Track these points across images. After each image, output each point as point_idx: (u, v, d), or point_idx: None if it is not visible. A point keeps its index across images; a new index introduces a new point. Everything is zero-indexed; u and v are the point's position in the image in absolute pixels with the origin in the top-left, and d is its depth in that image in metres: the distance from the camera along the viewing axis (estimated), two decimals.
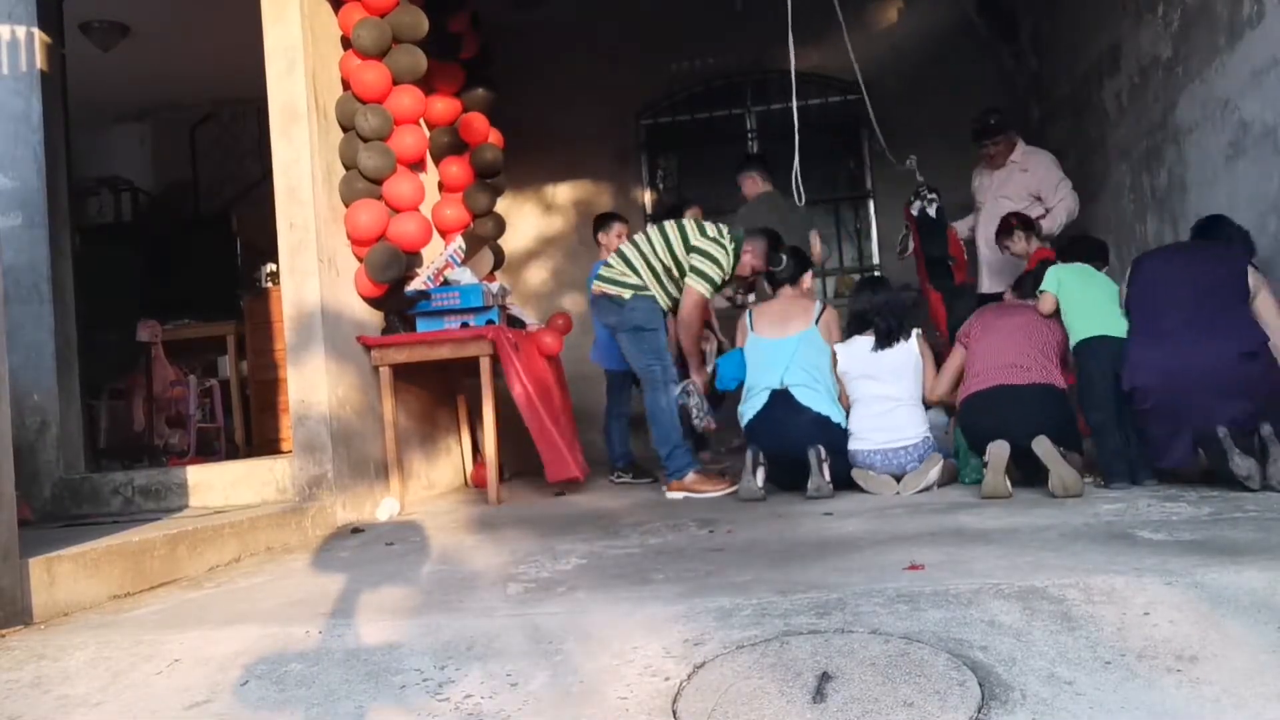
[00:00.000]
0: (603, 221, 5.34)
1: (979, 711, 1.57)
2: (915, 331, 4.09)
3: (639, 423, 4.94)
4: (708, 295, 4.35)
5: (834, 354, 4.14)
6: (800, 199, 4.61)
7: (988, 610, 1.96)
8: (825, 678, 1.71)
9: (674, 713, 1.68)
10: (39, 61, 4.08)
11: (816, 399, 4.03)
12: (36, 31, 4.07)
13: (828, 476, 3.88)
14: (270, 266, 6.04)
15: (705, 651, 1.89)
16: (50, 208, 4.09)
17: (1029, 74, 6.71)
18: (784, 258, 4.40)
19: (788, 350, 4.10)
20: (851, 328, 4.15)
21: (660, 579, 2.50)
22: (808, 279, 4.51)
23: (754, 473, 3.99)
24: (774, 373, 4.07)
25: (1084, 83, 5.77)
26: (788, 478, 4.11)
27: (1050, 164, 5.26)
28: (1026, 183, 5.20)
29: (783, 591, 2.19)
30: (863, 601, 2.06)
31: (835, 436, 4.00)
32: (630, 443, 5.14)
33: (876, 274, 4.73)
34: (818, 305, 4.29)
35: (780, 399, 4.03)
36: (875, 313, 4.07)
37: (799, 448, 3.94)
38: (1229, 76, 4.05)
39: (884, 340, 4.01)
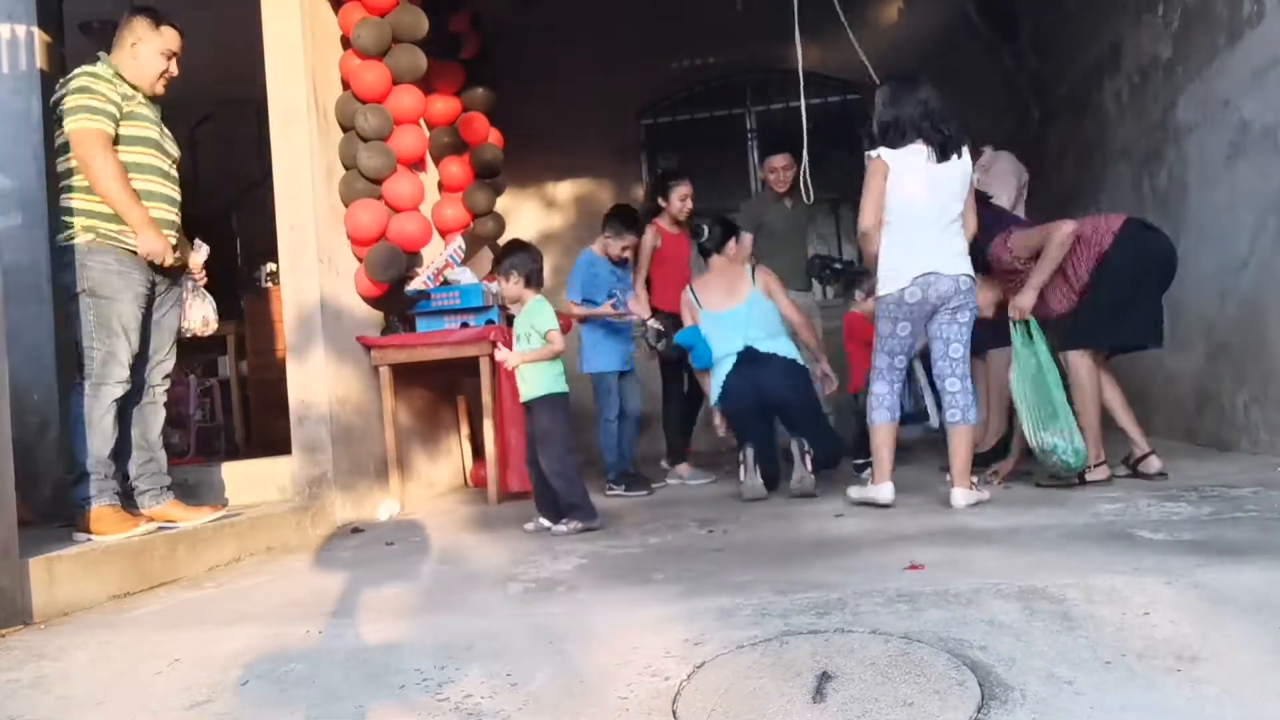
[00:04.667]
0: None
1: (979, 711, 1.57)
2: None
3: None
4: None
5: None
6: (809, 197, 4.60)
7: (988, 610, 1.96)
8: (825, 677, 1.71)
9: (674, 713, 1.68)
10: (39, 61, 4.07)
11: (778, 346, 4.24)
12: (36, 31, 4.07)
13: (810, 468, 3.94)
14: (270, 266, 6.04)
15: (705, 651, 1.89)
16: (50, 208, 4.08)
17: (1029, 74, 6.70)
18: (705, 228, 4.53)
19: (741, 316, 4.29)
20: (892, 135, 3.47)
21: (660, 579, 2.50)
22: (732, 246, 4.58)
23: (754, 470, 3.99)
24: (735, 337, 4.25)
25: (1084, 83, 5.77)
26: (768, 445, 4.17)
27: (1001, 171, 4.90)
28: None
29: (783, 591, 2.19)
30: (863, 601, 2.06)
31: (804, 380, 4.23)
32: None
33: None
34: (748, 267, 4.47)
35: (746, 356, 4.22)
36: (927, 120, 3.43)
37: (776, 395, 4.16)
38: (1229, 76, 4.05)
39: (942, 152, 3.43)
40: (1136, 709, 1.55)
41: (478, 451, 5.49)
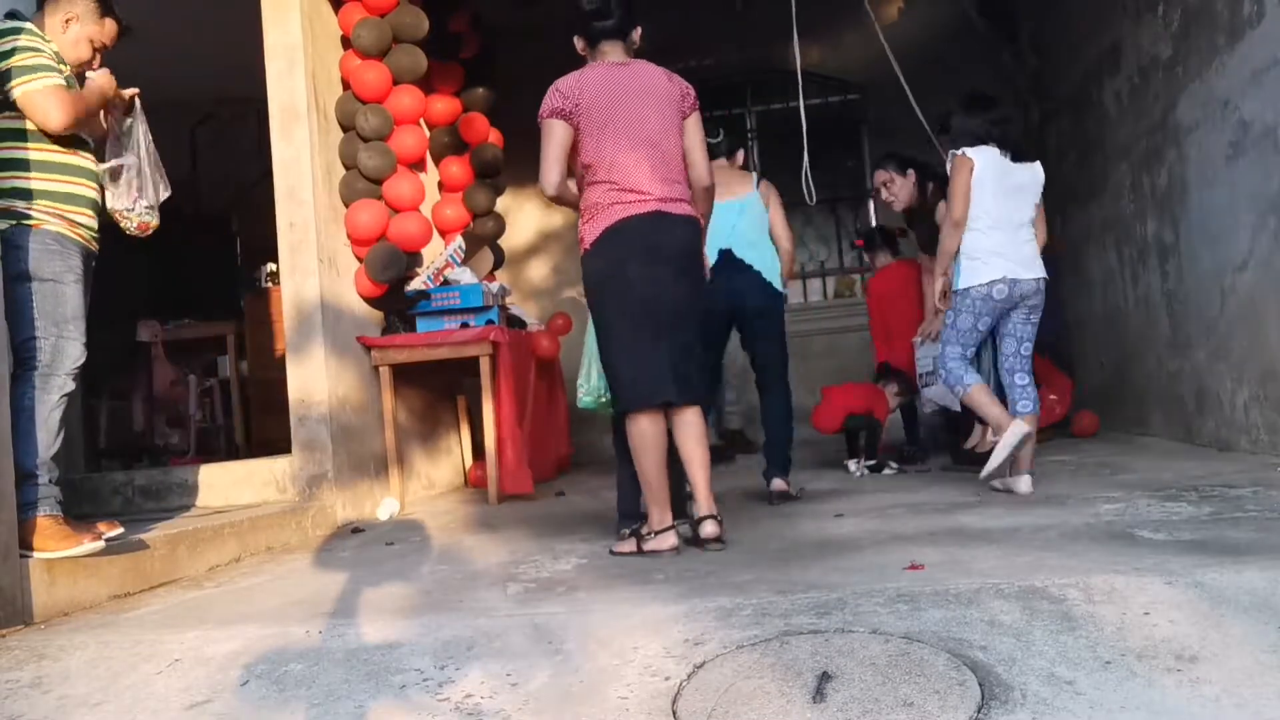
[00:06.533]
0: None
1: (979, 711, 1.57)
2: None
3: None
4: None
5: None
6: (811, 198, 4.60)
7: (988, 610, 1.96)
8: (825, 677, 1.71)
9: (674, 713, 1.68)
10: None
11: (761, 258, 4.09)
12: None
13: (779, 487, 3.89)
14: (270, 266, 6.03)
15: (705, 651, 1.89)
16: None
17: (1029, 74, 6.70)
18: (720, 131, 4.38)
19: (734, 212, 4.11)
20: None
21: (660, 579, 2.50)
22: (740, 155, 4.47)
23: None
24: (719, 235, 3.94)
25: (1084, 83, 5.77)
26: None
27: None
28: None
29: (783, 591, 2.19)
30: (863, 601, 2.06)
31: (779, 307, 4.11)
32: None
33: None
34: (754, 174, 4.35)
35: (725, 259, 4.03)
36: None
37: (748, 309, 4.02)
38: (1229, 76, 4.05)
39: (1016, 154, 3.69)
40: (1136, 709, 1.55)
41: (478, 451, 5.49)
